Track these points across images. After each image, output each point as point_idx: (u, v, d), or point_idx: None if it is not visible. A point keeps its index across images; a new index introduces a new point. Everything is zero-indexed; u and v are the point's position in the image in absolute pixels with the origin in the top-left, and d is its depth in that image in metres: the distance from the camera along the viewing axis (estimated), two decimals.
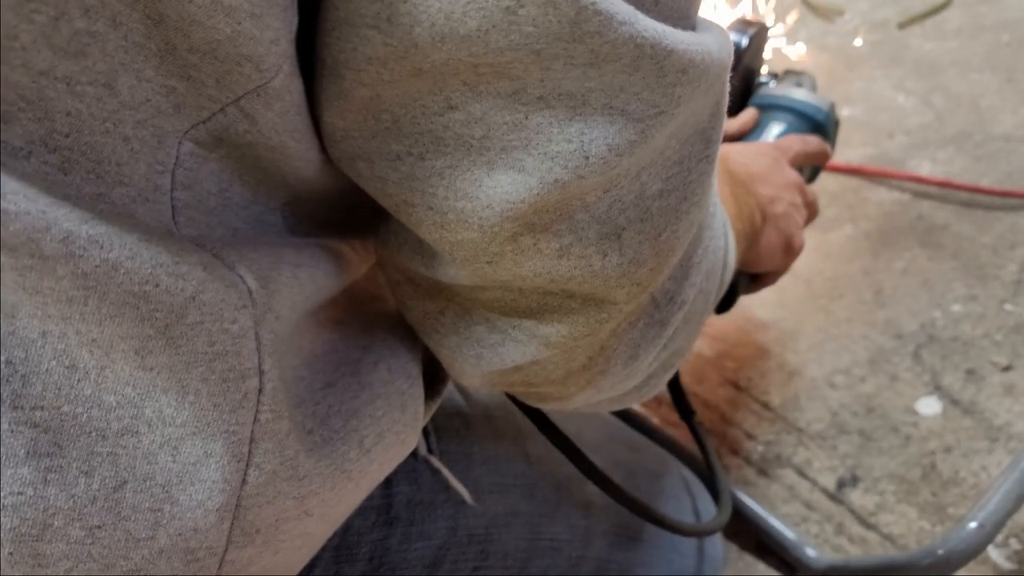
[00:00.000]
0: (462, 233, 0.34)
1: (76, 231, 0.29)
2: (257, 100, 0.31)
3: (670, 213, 0.37)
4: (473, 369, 0.41)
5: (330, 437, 0.37)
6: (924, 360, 1.12)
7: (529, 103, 0.31)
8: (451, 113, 0.32)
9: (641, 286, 0.38)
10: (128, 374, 0.30)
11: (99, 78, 0.29)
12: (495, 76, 0.31)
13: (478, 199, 0.33)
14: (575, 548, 0.58)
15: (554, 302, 0.38)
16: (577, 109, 0.32)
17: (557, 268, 0.35)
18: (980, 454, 1.01)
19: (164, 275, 0.30)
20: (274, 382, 0.34)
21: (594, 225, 0.35)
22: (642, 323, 0.41)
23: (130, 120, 0.30)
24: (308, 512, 0.36)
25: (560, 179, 0.32)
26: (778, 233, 0.70)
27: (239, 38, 0.29)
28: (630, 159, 0.34)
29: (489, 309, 0.39)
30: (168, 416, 0.31)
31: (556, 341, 0.39)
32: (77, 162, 0.30)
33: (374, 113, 0.33)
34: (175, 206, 0.32)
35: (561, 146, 0.32)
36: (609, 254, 0.36)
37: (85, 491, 0.30)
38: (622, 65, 0.31)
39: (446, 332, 0.40)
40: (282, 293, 0.34)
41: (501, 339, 0.39)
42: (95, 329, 0.30)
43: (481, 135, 0.32)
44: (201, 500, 0.32)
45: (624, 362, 0.42)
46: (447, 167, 0.33)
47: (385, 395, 0.41)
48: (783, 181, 0.73)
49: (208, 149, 0.32)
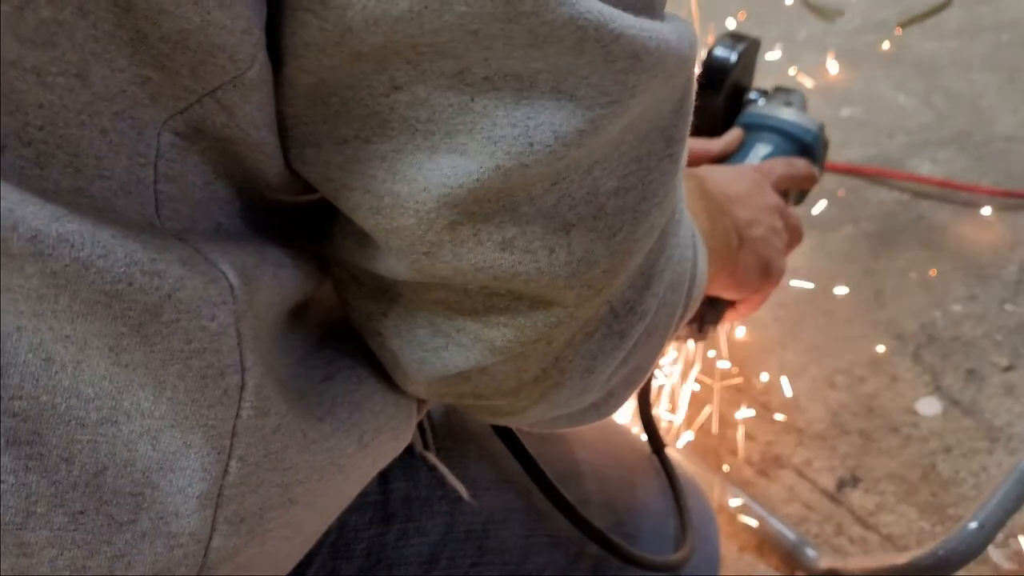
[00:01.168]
0: (397, 219, 0.33)
1: (45, 229, 0.28)
2: (234, 92, 0.31)
3: (627, 213, 0.35)
4: (416, 375, 0.39)
5: (335, 429, 0.37)
6: (924, 360, 1.12)
7: (474, 84, 0.31)
8: (396, 94, 0.31)
9: (593, 288, 0.36)
10: (104, 369, 0.30)
11: (70, 68, 0.28)
12: (437, 55, 0.30)
13: (415, 182, 0.32)
14: (572, 545, 0.58)
15: (500, 303, 0.36)
16: (524, 92, 0.31)
17: (500, 263, 0.34)
18: (980, 454, 1.01)
19: (138, 273, 0.30)
20: (258, 378, 0.33)
21: (540, 219, 0.34)
22: (600, 334, 0.39)
23: (106, 111, 0.30)
24: (293, 500, 0.36)
25: (502, 165, 0.32)
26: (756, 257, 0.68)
27: (209, 27, 0.29)
28: (579, 150, 0.33)
29: (433, 311, 0.38)
30: (146, 409, 0.31)
31: (502, 346, 0.37)
32: (53, 155, 0.29)
33: (322, 98, 0.32)
34: (159, 199, 0.32)
35: (505, 130, 0.31)
36: (556, 251, 0.34)
37: (66, 477, 0.30)
38: (565, 47, 0.30)
39: (388, 335, 0.39)
40: (263, 292, 0.34)
41: (444, 343, 0.38)
42: (67, 326, 0.29)
43: (426, 118, 0.31)
44: (181, 487, 0.32)
45: (580, 375, 0.40)
46: (391, 150, 0.32)
47: (382, 390, 0.40)
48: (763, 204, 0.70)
49: (189, 141, 0.32)
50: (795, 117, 0.85)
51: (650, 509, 0.67)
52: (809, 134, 0.85)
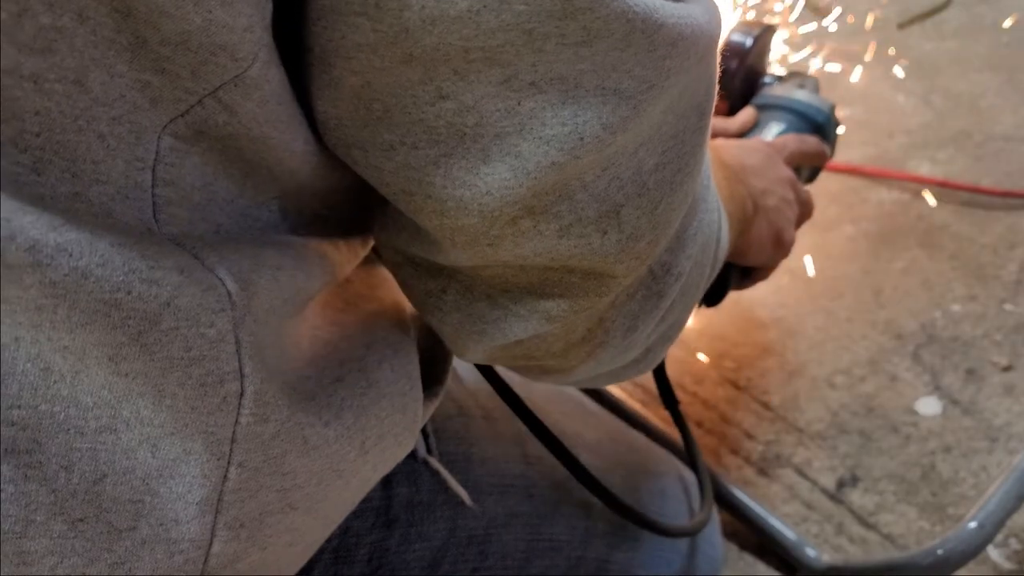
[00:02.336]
0: (463, 220, 0.34)
1: (43, 239, 0.28)
2: (235, 91, 0.31)
3: (665, 186, 0.37)
4: (476, 345, 0.41)
5: (338, 436, 0.37)
6: (924, 360, 1.12)
7: (521, 89, 0.31)
8: (442, 103, 0.31)
9: (640, 259, 0.38)
10: (103, 379, 0.30)
11: (68, 75, 0.28)
12: (486, 63, 0.30)
13: (476, 187, 0.33)
14: (574, 549, 0.59)
15: (555, 277, 0.38)
16: (569, 92, 0.32)
17: (558, 247, 0.36)
18: (980, 454, 1.01)
19: (137, 282, 0.30)
20: (258, 385, 0.33)
21: (593, 204, 0.35)
22: (640, 295, 0.41)
23: (104, 117, 0.30)
24: (292, 506, 0.36)
25: (557, 161, 0.33)
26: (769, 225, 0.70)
27: (211, 27, 0.29)
28: (625, 135, 0.33)
29: (490, 286, 0.39)
30: (146, 417, 0.31)
31: (557, 315, 0.39)
32: (51, 162, 0.29)
33: (365, 102, 0.33)
34: (156, 203, 0.32)
35: (556, 129, 0.32)
36: (609, 232, 0.36)
37: (66, 485, 0.30)
38: (614, 41, 0.31)
39: (448, 310, 0.41)
40: (261, 296, 0.34)
41: (503, 315, 0.40)
42: (66, 337, 0.29)
43: (474, 123, 0.32)
44: (181, 493, 0.32)
45: (623, 334, 0.42)
46: (442, 156, 0.33)
47: (389, 395, 0.41)
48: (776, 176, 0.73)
49: (189, 143, 0.32)
50: (808, 97, 0.88)
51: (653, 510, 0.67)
52: (821, 114, 0.88)
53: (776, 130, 0.86)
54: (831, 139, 0.90)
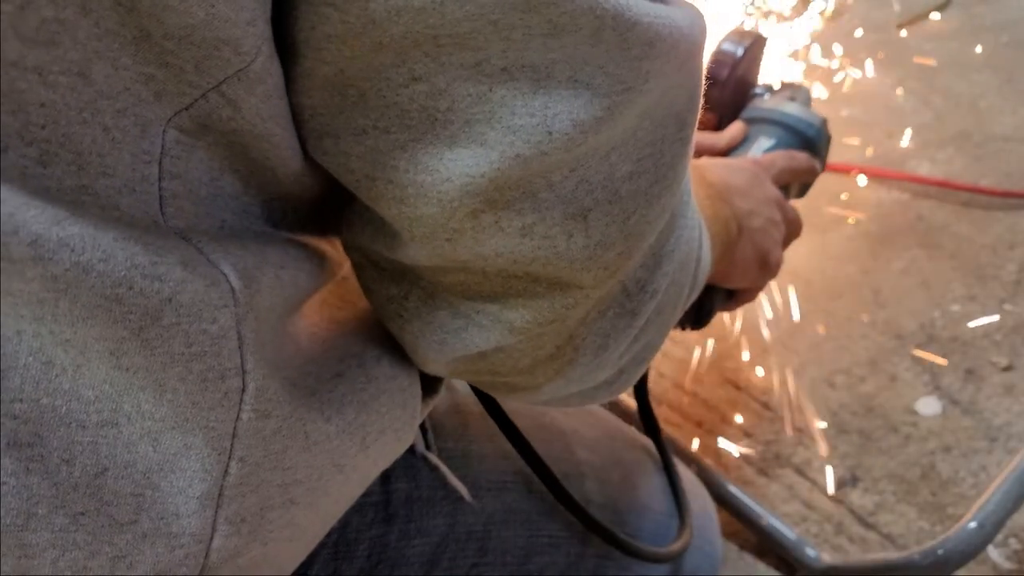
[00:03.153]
0: (421, 208, 0.34)
1: (46, 234, 0.28)
2: (239, 85, 0.31)
3: (640, 196, 0.36)
4: (437, 355, 0.40)
5: (340, 431, 0.37)
6: (924, 360, 1.12)
7: (492, 74, 0.31)
8: (415, 85, 0.31)
9: (609, 270, 0.37)
10: (104, 373, 0.30)
11: (72, 67, 0.28)
12: (456, 47, 0.30)
13: (438, 172, 0.33)
14: (573, 545, 0.58)
15: (519, 286, 0.37)
16: (541, 82, 0.31)
17: (520, 248, 0.35)
18: (980, 454, 1.01)
19: (139, 277, 0.30)
20: (259, 381, 0.33)
21: (559, 205, 0.34)
22: (612, 312, 0.40)
23: (109, 109, 0.30)
24: (293, 500, 0.36)
25: (522, 154, 0.32)
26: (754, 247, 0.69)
27: (214, 21, 0.29)
28: (597, 137, 0.33)
29: (453, 293, 0.38)
30: (147, 411, 0.31)
31: (521, 326, 0.38)
32: (56, 154, 0.29)
33: (339, 89, 0.33)
34: (163, 196, 0.32)
35: (524, 120, 0.32)
36: (575, 235, 0.35)
37: (67, 478, 0.30)
38: (583, 36, 0.31)
39: (409, 317, 0.40)
40: (264, 293, 0.34)
41: (464, 324, 0.39)
42: (68, 330, 0.29)
43: (446, 108, 0.32)
44: (182, 487, 0.32)
45: (594, 352, 0.41)
46: (411, 140, 0.33)
47: (389, 391, 0.41)
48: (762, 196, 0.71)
49: (195, 137, 0.32)
50: (798, 111, 0.86)
51: (651, 509, 0.67)
52: (812, 128, 0.86)
53: (765, 145, 0.84)
54: (822, 154, 0.88)
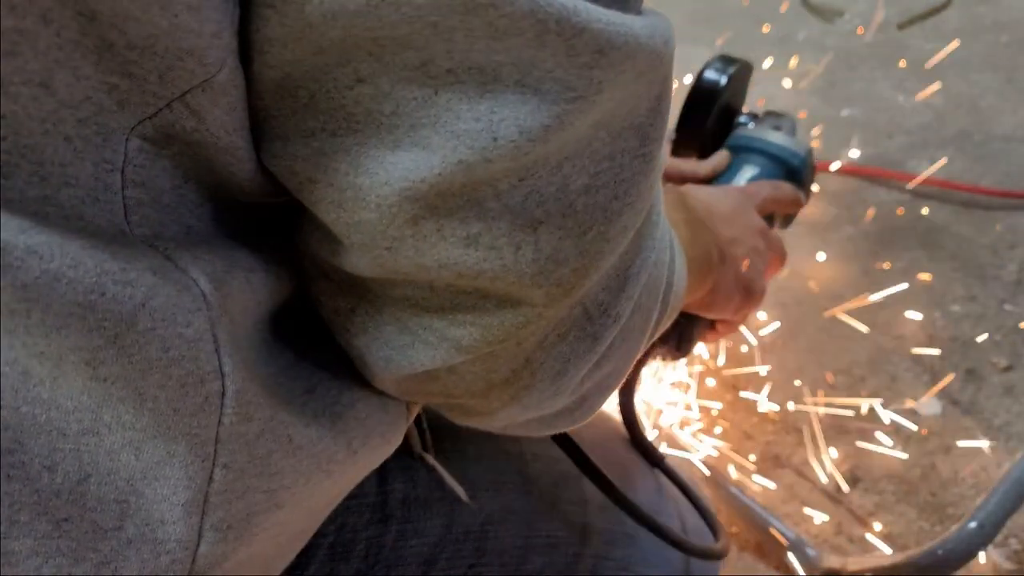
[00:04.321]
0: (359, 213, 0.33)
1: (13, 242, 0.28)
2: (203, 96, 0.30)
3: (598, 211, 0.35)
4: (383, 372, 0.39)
5: (322, 436, 0.37)
6: (924, 360, 1.12)
7: (438, 76, 0.30)
8: (360, 87, 0.31)
9: (562, 288, 0.35)
10: (81, 384, 0.30)
11: (33, 77, 0.28)
12: (399, 47, 0.30)
13: (377, 175, 0.32)
14: (571, 546, 0.58)
15: (467, 302, 0.36)
16: (487, 85, 0.31)
17: (464, 259, 0.34)
18: (980, 454, 1.01)
19: (110, 283, 0.30)
20: (239, 384, 0.33)
21: (507, 215, 0.33)
22: (572, 336, 0.39)
23: (71, 119, 0.29)
24: (279, 504, 0.36)
25: (465, 160, 0.31)
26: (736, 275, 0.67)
27: (177, 32, 0.28)
28: (546, 146, 0.32)
29: (400, 308, 0.37)
30: (127, 422, 0.31)
31: (468, 345, 0.37)
32: (18, 165, 0.29)
33: (290, 91, 0.32)
34: (127, 204, 0.32)
35: (468, 124, 0.31)
36: (523, 248, 0.34)
37: (49, 485, 0.30)
38: (527, 40, 0.30)
39: (356, 331, 0.39)
40: (235, 297, 0.33)
41: (411, 341, 0.37)
42: (41, 341, 0.29)
43: (391, 111, 0.31)
44: (166, 495, 0.32)
45: (552, 377, 0.39)
46: (355, 144, 0.32)
47: (365, 396, 0.40)
48: (746, 224, 0.69)
49: (159, 146, 0.32)
50: (783, 140, 0.85)
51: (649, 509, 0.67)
52: (796, 158, 0.85)
53: (749, 174, 0.83)
54: (807, 184, 0.87)
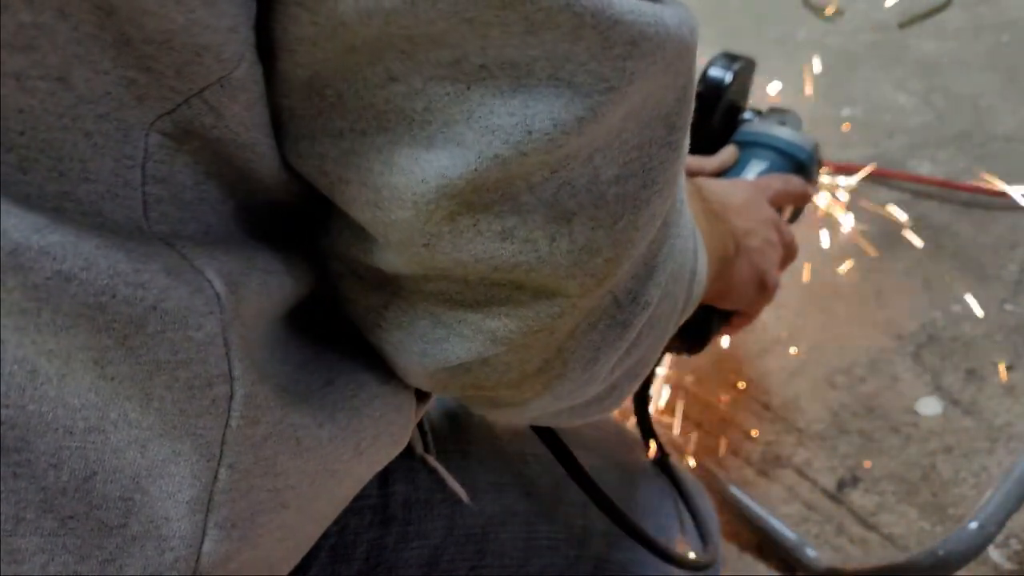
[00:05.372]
0: (396, 212, 0.33)
1: (26, 242, 0.28)
2: (221, 92, 0.30)
3: (628, 201, 0.35)
4: (418, 367, 0.39)
5: (332, 437, 0.37)
6: (924, 360, 1.12)
7: (471, 72, 0.30)
8: (392, 85, 0.31)
9: (596, 278, 0.36)
10: (89, 382, 0.30)
11: (51, 72, 0.28)
12: (432, 46, 0.30)
13: (413, 174, 0.32)
14: (572, 547, 0.58)
15: (502, 294, 0.36)
16: (521, 80, 0.31)
17: (500, 252, 0.34)
18: (980, 454, 1.01)
19: (122, 285, 0.30)
20: (248, 387, 0.33)
21: (541, 208, 0.33)
22: (603, 324, 0.39)
23: (90, 114, 0.29)
24: (284, 505, 0.36)
25: (500, 154, 0.31)
26: (751, 267, 0.68)
27: (194, 27, 0.28)
28: (579, 138, 0.32)
29: (433, 302, 0.37)
30: (133, 420, 0.31)
31: (503, 336, 0.37)
32: (36, 160, 0.29)
33: (317, 90, 0.32)
34: (147, 201, 0.32)
35: (503, 119, 0.31)
36: (558, 240, 0.34)
37: (55, 482, 0.30)
38: (562, 33, 0.30)
39: (389, 327, 0.39)
40: (250, 299, 0.34)
41: (446, 334, 0.37)
42: (51, 340, 0.29)
43: (423, 108, 0.31)
44: (171, 492, 0.32)
45: (584, 366, 0.40)
46: (387, 142, 0.32)
47: (382, 396, 0.40)
48: (760, 216, 0.70)
49: (178, 141, 0.31)
50: (790, 135, 0.86)
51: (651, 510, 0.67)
52: (804, 152, 0.85)
53: (758, 169, 0.84)
54: (814, 178, 0.88)
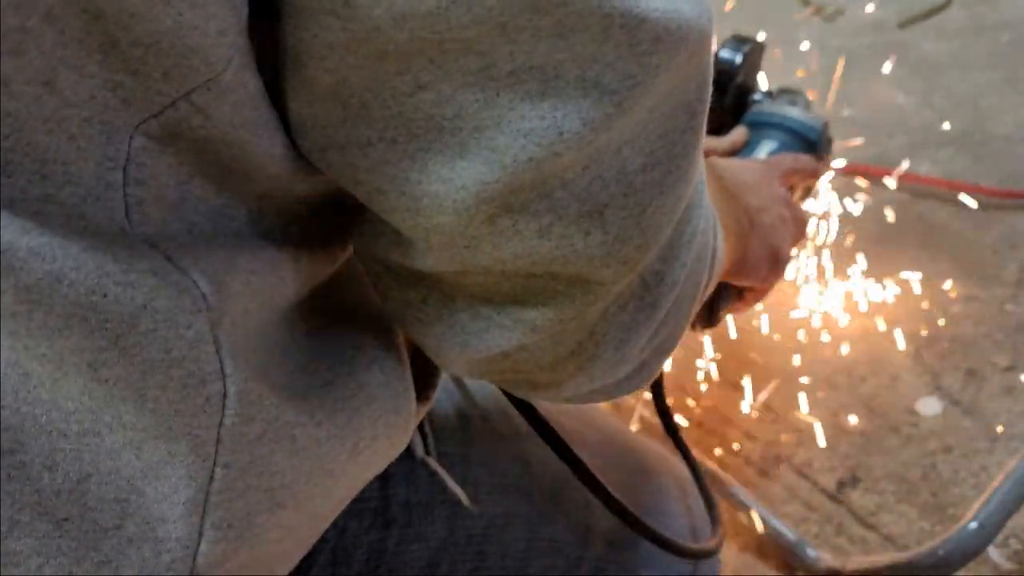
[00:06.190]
0: (437, 218, 0.33)
1: (16, 243, 0.28)
2: (208, 94, 0.30)
3: (655, 187, 0.36)
4: (459, 357, 0.40)
5: (329, 436, 0.37)
6: (924, 360, 1.12)
7: (499, 79, 0.31)
8: (421, 93, 0.31)
9: (628, 264, 0.37)
10: (82, 385, 0.30)
11: (37, 76, 0.28)
12: (462, 52, 0.30)
13: (451, 181, 0.32)
14: (573, 549, 0.58)
15: (538, 285, 0.37)
16: (549, 83, 0.31)
17: (539, 249, 0.35)
18: (980, 454, 1.01)
19: (111, 284, 0.30)
20: (240, 385, 0.33)
21: (574, 203, 0.34)
22: (632, 306, 0.40)
23: (75, 118, 0.29)
24: (280, 504, 0.36)
25: (534, 157, 0.32)
26: (764, 244, 0.68)
27: (182, 29, 0.28)
28: (608, 134, 0.33)
29: (472, 295, 0.38)
30: (128, 422, 0.31)
31: (542, 325, 0.38)
32: (20, 164, 0.29)
33: (342, 99, 0.32)
34: (128, 202, 0.32)
35: (534, 123, 0.31)
36: (592, 232, 0.35)
37: (50, 484, 0.30)
38: (591, 35, 0.30)
39: (429, 321, 0.39)
40: (236, 298, 0.34)
41: (486, 325, 0.38)
42: (43, 344, 0.29)
43: (452, 115, 0.31)
44: (167, 493, 0.32)
45: (615, 347, 0.40)
46: (419, 150, 0.32)
47: (381, 397, 0.40)
48: (772, 194, 0.70)
49: (163, 143, 0.31)
50: (801, 115, 0.87)
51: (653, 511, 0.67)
52: (814, 131, 0.87)
53: (768, 148, 0.85)
54: (824, 156, 0.89)
